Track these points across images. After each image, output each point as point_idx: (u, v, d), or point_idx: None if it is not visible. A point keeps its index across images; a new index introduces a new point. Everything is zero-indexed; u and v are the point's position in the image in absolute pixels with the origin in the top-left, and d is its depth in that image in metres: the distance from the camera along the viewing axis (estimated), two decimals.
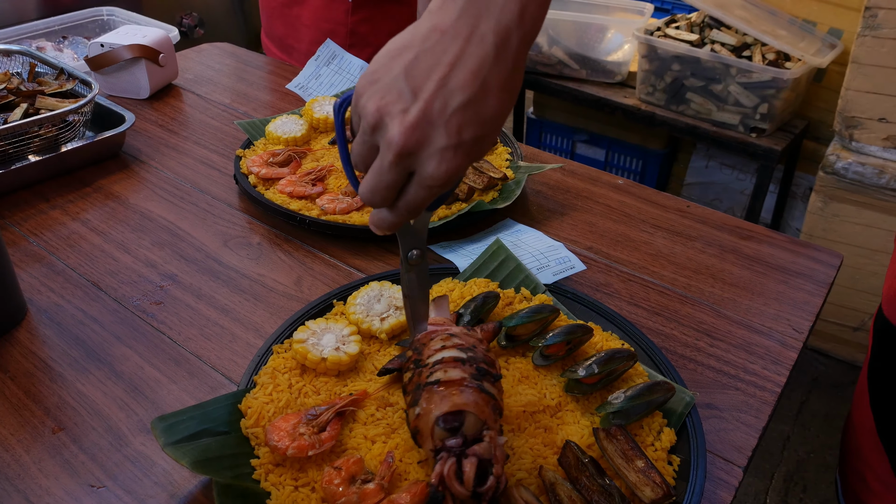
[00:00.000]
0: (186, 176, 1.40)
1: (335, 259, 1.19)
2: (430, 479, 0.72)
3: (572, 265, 1.13)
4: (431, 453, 0.74)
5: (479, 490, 0.70)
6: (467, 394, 0.75)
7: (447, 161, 0.65)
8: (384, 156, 0.65)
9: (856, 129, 2.30)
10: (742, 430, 0.93)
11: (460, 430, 0.74)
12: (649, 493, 0.77)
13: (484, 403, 0.76)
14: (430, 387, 0.76)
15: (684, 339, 1.07)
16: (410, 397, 0.78)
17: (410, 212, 0.70)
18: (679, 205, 1.39)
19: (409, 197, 0.69)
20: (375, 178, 0.67)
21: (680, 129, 2.76)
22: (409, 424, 0.78)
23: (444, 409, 0.74)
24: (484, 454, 0.72)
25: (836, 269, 1.24)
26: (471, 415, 0.74)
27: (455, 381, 0.76)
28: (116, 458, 0.84)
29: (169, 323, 1.04)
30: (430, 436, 0.74)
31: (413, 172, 0.67)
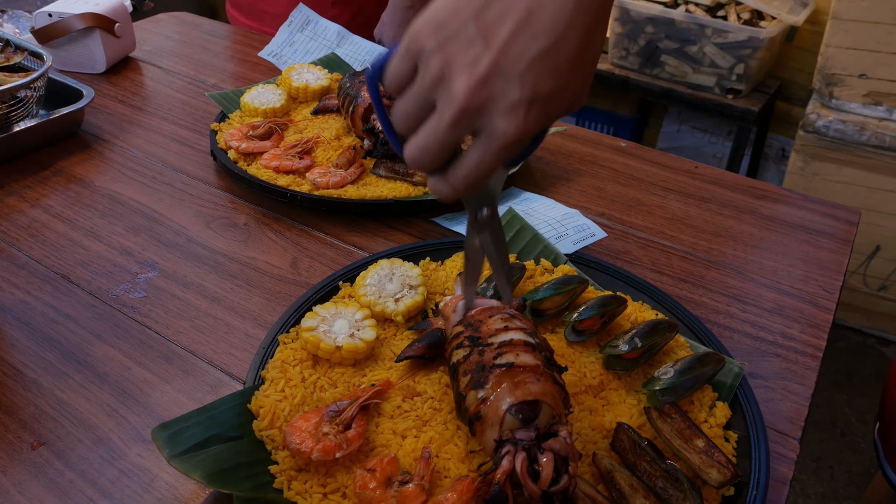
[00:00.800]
0: (156, 154, 1.27)
1: (331, 237, 1.08)
2: (495, 475, 0.63)
3: (592, 233, 1.05)
4: (493, 444, 0.66)
5: (552, 490, 0.62)
6: (543, 382, 0.68)
7: (519, 117, 0.55)
8: (444, 112, 0.56)
9: (836, 86, 2.27)
10: (790, 399, 0.87)
11: (534, 422, 0.65)
12: (716, 476, 0.70)
13: (557, 395, 0.68)
14: (500, 370, 0.68)
15: (715, 305, 1.01)
16: (470, 378, 0.69)
17: (473, 183, 0.60)
18: (687, 166, 1.32)
19: (473, 163, 0.58)
20: (429, 137, 0.58)
21: (654, 93, 2.71)
22: (466, 408, 0.69)
23: (519, 397, 0.65)
24: (560, 450, 0.64)
25: (855, 226, 1.19)
26: (546, 406, 0.66)
27: (529, 367, 0.68)
28: (110, 473, 0.74)
29: (154, 316, 0.93)
30: (497, 424, 0.65)
31: (476, 132, 0.57)
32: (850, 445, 2.37)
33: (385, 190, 1.13)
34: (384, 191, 1.12)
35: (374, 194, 1.11)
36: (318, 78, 1.39)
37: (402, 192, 1.13)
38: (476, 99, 0.55)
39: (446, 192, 0.62)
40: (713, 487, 0.70)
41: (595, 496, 0.68)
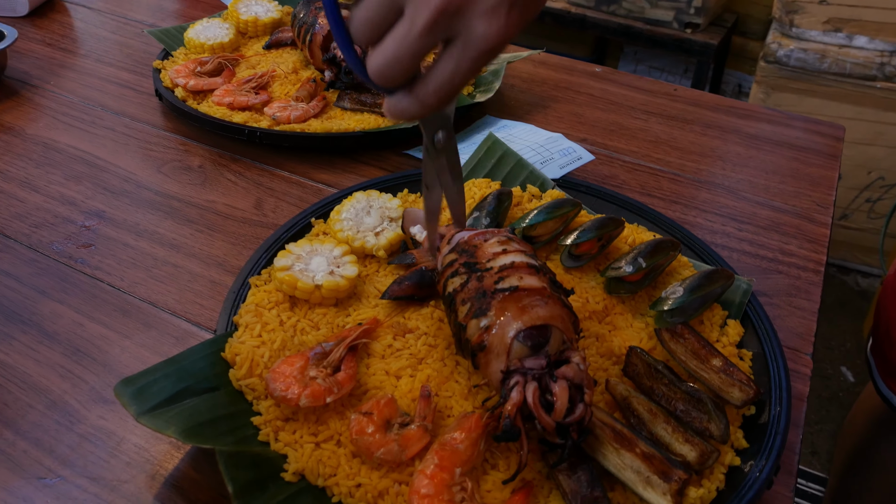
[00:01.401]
0: (94, 98, 1.16)
1: (297, 175, 0.99)
2: (504, 408, 0.57)
3: (579, 156, 0.99)
4: (499, 375, 0.59)
5: (568, 421, 0.56)
6: (551, 305, 0.61)
7: (500, 19, 0.48)
8: (415, 17, 0.48)
9: (796, 13, 2.24)
10: (798, 314, 0.83)
11: (544, 349, 0.59)
12: (738, 395, 0.65)
13: (567, 319, 0.62)
14: (503, 294, 0.61)
15: (710, 225, 0.95)
16: (470, 306, 0.62)
17: (445, 96, 0.52)
18: (665, 89, 1.26)
19: (447, 73, 0.50)
20: (398, 47, 0.49)
21: (612, 30, 2.64)
22: (467, 341, 0.62)
23: (527, 322, 0.59)
24: (574, 377, 0.57)
25: (841, 141, 1.15)
26: (556, 330, 0.60)
27: (535, 289, 0.62)
28: (69, 439, 0.65)
29: (106, 268, 0.84)
30: (504, 354, 0.59)
31: (451, 38, 0.49)
32: (817, 372, 2.39)
33: (352, 122, 1.04)
34: (351, 123, 1.04)
35: (341, 127, 1.03)
36: (269, 10, 1.28)
37: (370, 123, 1.04)
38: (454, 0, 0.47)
39: (414, 109, 0.53)
40: (735, 407, 0.65)
41: (613, 424, 0.62)
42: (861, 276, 2.59)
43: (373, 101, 1.06)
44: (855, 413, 1.21)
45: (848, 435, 1.20)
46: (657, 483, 0.58)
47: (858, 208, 2.42)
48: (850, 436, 1.19)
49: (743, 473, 0.61)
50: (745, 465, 0.62)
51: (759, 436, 0.65)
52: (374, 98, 1.07)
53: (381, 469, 0.60)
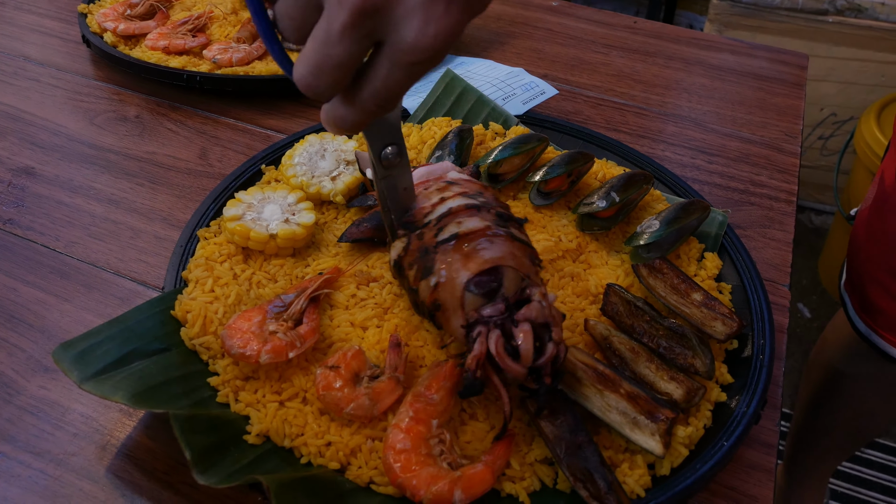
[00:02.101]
0: (14, 48, 1.06)
1: (243, 122, 0.93)
2: (466, 362, 0.53)
3: (542, 90, 0.94)
4: (462, 331, 0.55)
5: (539, 363, 0.52)
6: (498, 244, 0.56)
7: (437, 19, 0.39)
8: (334, 17, 0.40)
9: None
10: (773, 246, 0.81)
11: (499, 292, 0.55)
12: (721, 328, 0.63)
13: (521, 254, 0.57)
14: (445, 246, 0.56)
15: (679, 159, 0.92)
16: (416, 269, 0.57)
17: (384, 102, 0.44)
18: (625, 21, 1.21)
19: (380, 81, 0.42)
20: (319, 53, 0.41)
21: None
22: (422, 304, 0.58)
23: (473, 269, 0.54)
24: (537, 317, 0.53)
25: (805, 70, 1.13)
26: (509, 269, 0.55)
27: (478, 230, 0.57)
28: (8, 412, 0.60)
29: (38, 227, 0.77)
30: (459, 308, 0.54)
31: (379, 42, 0.41)
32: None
33: None
34: None
35: None
36: None
37: None
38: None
39: (352, 118, 0.45)
40: (718, 341, 0.63)
41: (595, 365, 0.59)
42: (814, 213, 2.63)
43: None
44: (820, 348, 1.22)
45: (815, 370, 1.21)
46: (644, 423, 0.55)
47: (811, 146, 2.43)
48: (816, 370, 1.20)
49: (730, 409, 0.59)
50: (731, 401, 0.60)
51: (742, 370, 0.62)
52: None
53: (351, 425, 0.56)
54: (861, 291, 0.98)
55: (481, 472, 0.52)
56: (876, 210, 0.94)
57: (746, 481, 0.58)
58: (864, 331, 0.98)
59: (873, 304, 0.96)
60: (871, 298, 0.96)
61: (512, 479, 0.54)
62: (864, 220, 0.97)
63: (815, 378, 1.19)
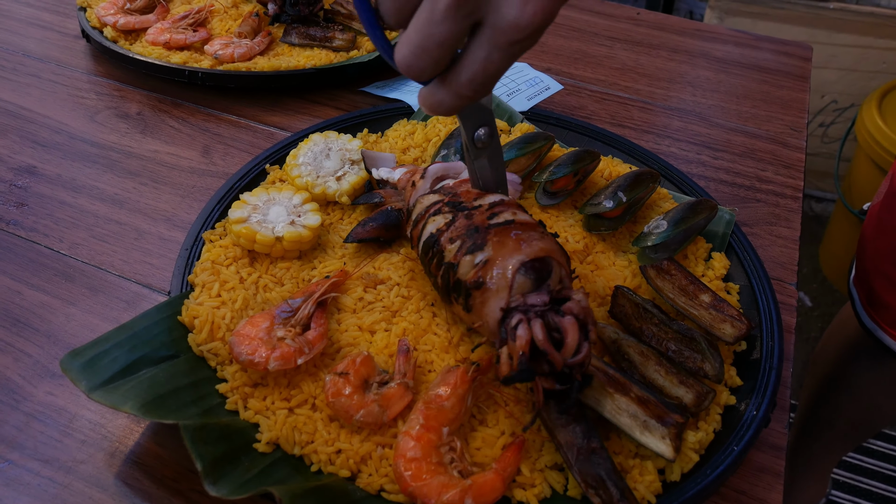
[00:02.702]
0: (13, 43, 1.05)
1: (246, 119, 0.92)
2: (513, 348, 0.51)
3: (547, 86, 0.93)
4: (498, 314, 0.54)
5: (573, 361, 0.51)
6: (549, 240, 0.57)
7: (534, 1, 0.41)
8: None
9: None
10: (779, 243, 0.80)
11: (547, 283, 0.54)
12: (730, 331, 0.63)
13: (563, 256, 0.57)
14: (499, 228, 0.56)
15: (685, 154, 0.92)
16: (461, 244, 0.57)
17: (480, 86, 0.46)
18: (628, 13, 1.20)
19: (478, 64, 0.44)
20: (422, 34, 0.43)
21: None
22: (459, 279, 0.57)
23: (530, 253, 0.54)
24: (580, 314, 0.53)
25: (809, 61, 1.12)
26: (557, 265, 0.55)
27: (531, 223, 0.58)
28: (15, 419, 0.59)
29: (42, 229, 0.76)
30: (506, 289, 0.53)
31: (478, 23, 0.43)
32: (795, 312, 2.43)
33: (302, 59, 0.96)
34: (301, 60, 0.96)
35: (290, 65, 0.95)
36: None
37: (321, 59, 0.96)
38: None
39: (449, 101, 0.47)
40: (727, 343, 0.62)
41: (605, 369, 0.59)
42: (815, 201, 2.62)
43: (323, 35, 0.98)
44: (826, 342, 1.22)
45: (820, 362, 1.21)
46: (655, 427, 0.55)
47: (812, 133, 2.43)
48: (822, 363, 1.20)
49: (739, 413, 0.59)
50: (741, 404, 0.60)
51: (751, 372, 0.62)
52: (324, 32, 0.99)
53: (361, 432, 0.56)
54: (868, 286, 0.98)
55: (492, 480, 0.52)
56: (886, 205, 0.94)
57: (756, 485, 0.59)
58: (870, 326, 0.98)
59: (880, 299, 0.96)
60: (877, 293, 0.96)
61: (522, 486, 0.54)
62: (875, 214, 0.97)
63: (820, 371, 1.20)
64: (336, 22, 1.03)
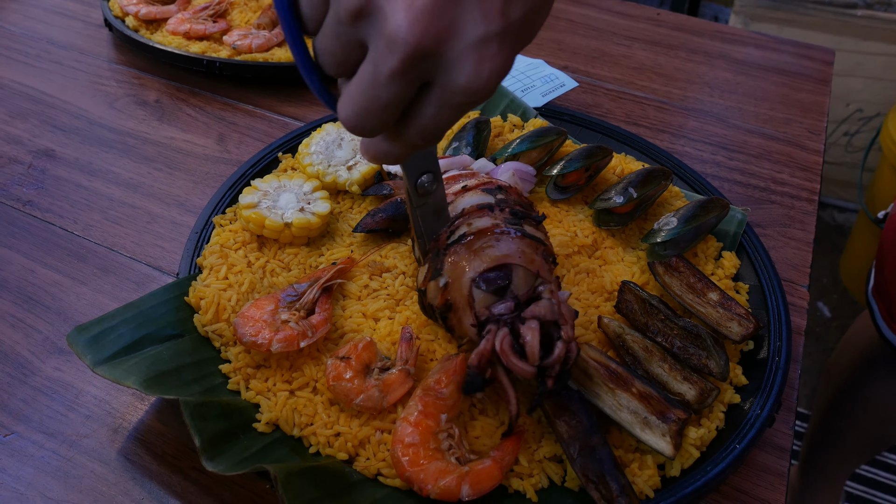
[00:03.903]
0: (38, 30, 1.07)
1: (262, 109, 0.93)
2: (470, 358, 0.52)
3: (562, 83, 0.93)
4: (474, 330, 0.54)
5: (547, 363, 0.51)
6: (505, 242, 0.55)
7: (489, 59, 0.38)
8: (382, 61, 0.38)
9: None
10: (792, 245, 0.80)
11: (509, 289, 0.54)
12: (738, 329, 0.62)
13: (531, 251, 0.56)
14: (455, 246, 0.56)
15: (700, 154, 0.91)
16: (427, 268, 0.57)
17: (427, 140, 0.43)
18: (648, 13, 1.20)
19: (427, 120, 0.41)
20: (368, 96, 0.40)
21: None
22: (433, 308, 0.57)
23: (479, 267, 0.54)
24: (546, 315, 0.52)
25: (831, 65, 1.11)
26: (518, 267, 0.55)
27: (485, 230, 0.56)
28: (23, 392, 0.60)
29: (57, 210, 0.78)
30: (468, 307, 0.54)
31: (428, 83, 0.40)
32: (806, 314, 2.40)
33: None
34: None
35: None
36: None
37: None
38: (427, 36, 0.37)
39: (394, 153, 0.44)
40: (733, 342, 0.62)
41: (607, 363, 0.58)
42: (837, 210, 2.59)
43: None
44: (841, 352, 1.20)
45: (835, 373, 1.19)
46: (655, 424, 0.55)
47: (836, 142, 2.40)
48: (837, 373, 1.18)
49: (743, 412, 0.58)
50: (745, 403, 0.59)
51: (757, 372, 0.62)
52: None
53: (360, 417, 0.56)
54: (889, 298, 0.96)
55: (489, 468, 0.52)
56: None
57: (758, 485, 0.58)
58: (889, 336, 0.97)
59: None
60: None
61: (520, 476, 0.54)
62: (894, 223, 0.95)
63: (835, 381, 1.18)
64: None
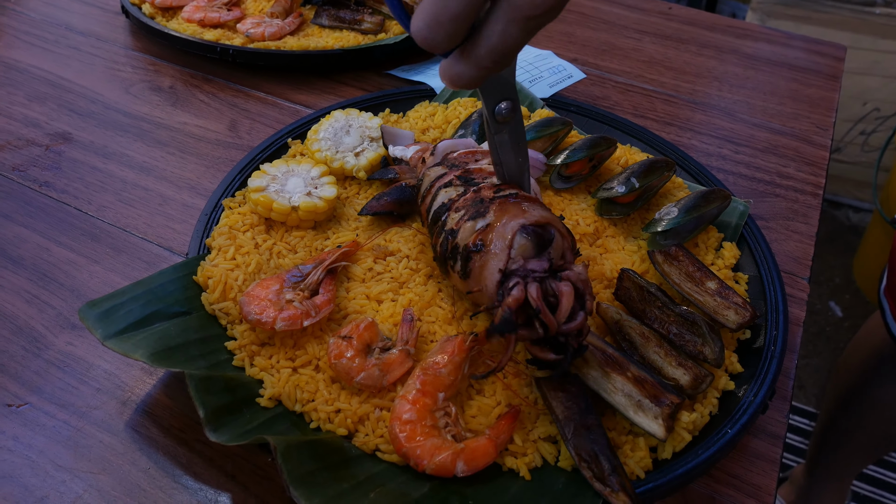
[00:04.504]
0: (57, 17, 1.09)
1: (273, 96, 0.94)
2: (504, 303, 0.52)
3: (570, 74, 0.94)
4: (497, 277, 0.54)
5: (567, 328, 0.52)
6: (552, 214, 0.58)
7: None
8: None
9: None
10: (795, 238, 0.80)
11: (547, 251, 0.55)
12: (734, 317, 0.63)
13: (568, 234, 0.58)
14: (502, 199, 0.57)
15: (706, 147, 0.92)
16: (465, 212, 0.58)
17: (499, 59, 0.44)
18: (660, 7, 1.20)
19: (495, 37, 0.43)
20: (437, 6, 0.42)
21: None
22: (457, 245, 0.58)
23: (532, 219, 0.55)
24: (578, 283, 0.53)
25: (842, 61, 1.11)
26: (559, 235, 0.56)
27: (535, 199, 0.59)
28: (36, 365, 0.62)
29: (73, 191, 0.80)
30: (505, 250, 0.54)
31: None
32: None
33: (330, 40, 0.98)
34: (329, 41, 0.98)
35: (319, 45, 0.97)
36: None
37: (349, 41, 0.98)
38: None
39: (467, 75, 0.46)
40: (730, 330, 0.63)
41: (604, 348, 0.59)
42: (852, 210, 2.57)
43: (352, 17, 1.00)
44: (852, 351, 1.20)
45: (844, 372, 1.19)
46: (648, 407, 0.56)
47: (852, 141, 2.38)
48: (846, 373, 1.18)
49: (737, 398, 0.59)
50: (740, 390, 0.60)
51: (753, 360, 0.62)
52: (353, 15, 1.01)
53: (361, 394, 0.57)
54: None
55: (484, 445, 0.54)
56: None
57: (750, 470, 0.59)
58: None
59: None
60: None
61: (514, 455, 0.55)
62: None
63: (845, 380, 1.18)
64: (366, 5, 1.05)
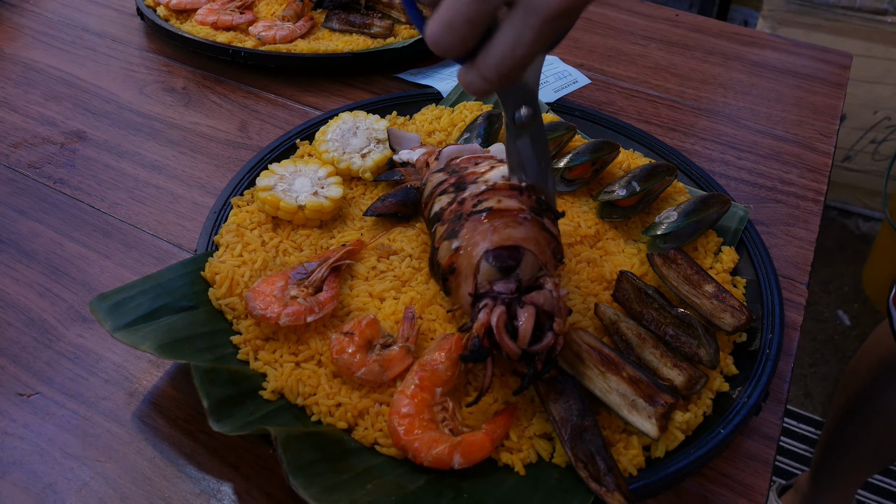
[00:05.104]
0: (74, 18, 1.12)
1: (283, 98, 0.96)
2: (472, 328, 0.55)
3: (575, 80, 0.95)
4: (469, 299, 0.57)
5: (534, 349, 0.54)
6: (525, 227, 0.58)
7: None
8: None
9: None
10: (795, 244, 0.81)
11: (515, 272, 0.57)
12: (730, 320, 0.64)
13: (545, 244, 0.59)
14: (477, 216, 0.58)
15: (709, 153, 0.93)
16: (446, 228, 0.60)
17: (510, 68, 0.45)
18: (667, 14, 1.21)
19: (508, 44, 0.43)
20: (452, 10, 0.42)
21: None
22: (438, 263, 0.60)
23: (496, 242, 0.56)
24: (544, 304, 0.55)
25: (848, 69, 1.11)
26: (529, 253, 0.57)
27: (511, 210, 0.59)
28: (47, 356, 0.64)
29: (86, 188, 0.82)
30: (472, 275, 0.57)
31: (512, 2, 0.43)
32: (813, 314, 2.39)
33: (340, 43, 1.00)
34: (339, 44, 1.00)
35: (328, 48, 0.99)
36: None
37: (359, 45, 1.00)
38: None
39: (477, 83, 0.46)
40: (726, 333, 0.64)
41: (600, 348, 0.61)
42: (862, 219, 2.57)
43: (362, 21, 1.02)
44: (860, 359, 1.20)
45: (851, 380, 1.20)
46: (642, 406, 0.57)
47: (862, 150, 2.38)
48: (853, 381, 1.19)
49: (731, 399, 0.60)
50: (734, 392, 0.61)
51: (749, 363, 0.63)
52: (363, 19, 1.03)
53: (361, 389, 0.59)
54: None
55: (481, 440, 0.55)
56: None
57: (743, 470, 0.60)
58: None
59: None
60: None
61: (510, 450, 0.56)
62: None
63: (852, 388, 1.18)
64: (376, 10, 1.07)
